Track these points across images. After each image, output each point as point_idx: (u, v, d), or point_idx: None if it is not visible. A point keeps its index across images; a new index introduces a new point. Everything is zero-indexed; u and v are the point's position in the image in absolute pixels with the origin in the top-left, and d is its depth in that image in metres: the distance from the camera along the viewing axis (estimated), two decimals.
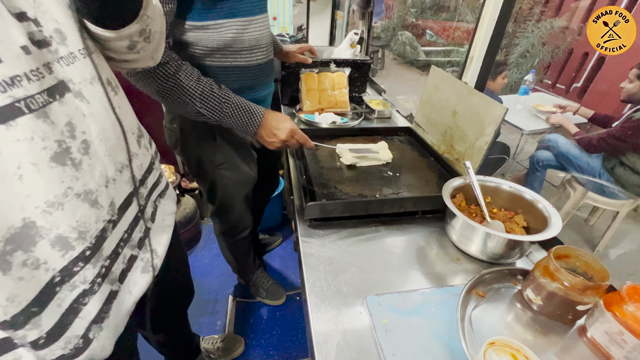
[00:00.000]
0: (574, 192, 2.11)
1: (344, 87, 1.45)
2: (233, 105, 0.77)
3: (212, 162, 0.98)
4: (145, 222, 0.57)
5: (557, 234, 0.62)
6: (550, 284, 0.55)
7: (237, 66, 0.83)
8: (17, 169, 0.35)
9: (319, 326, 0.57)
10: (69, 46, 0.43)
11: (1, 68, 0.34)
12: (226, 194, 1.07)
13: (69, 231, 0.41)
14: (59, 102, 0.40)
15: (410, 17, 7.30)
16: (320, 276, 0.66)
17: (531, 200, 0.74)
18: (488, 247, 0.68)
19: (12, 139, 0.35)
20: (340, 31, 2.72)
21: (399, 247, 0.76)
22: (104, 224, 0.46)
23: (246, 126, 0.78)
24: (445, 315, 0.58)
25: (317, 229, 0.79)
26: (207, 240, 1.94)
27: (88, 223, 0.43)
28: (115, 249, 0.49)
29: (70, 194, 0.41)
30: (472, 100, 0.91)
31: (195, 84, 0.73)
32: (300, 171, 0.91)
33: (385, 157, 0.99)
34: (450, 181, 0.79)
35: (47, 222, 0.39)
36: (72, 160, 0.41)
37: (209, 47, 0.77)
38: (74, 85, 0.43)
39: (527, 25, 4.38)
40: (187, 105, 0.74)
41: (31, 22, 0.38)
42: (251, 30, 0.81)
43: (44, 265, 0.39)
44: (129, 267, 0.53)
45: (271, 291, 1.55)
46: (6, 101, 0.34)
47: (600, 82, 3.96)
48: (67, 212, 0.40)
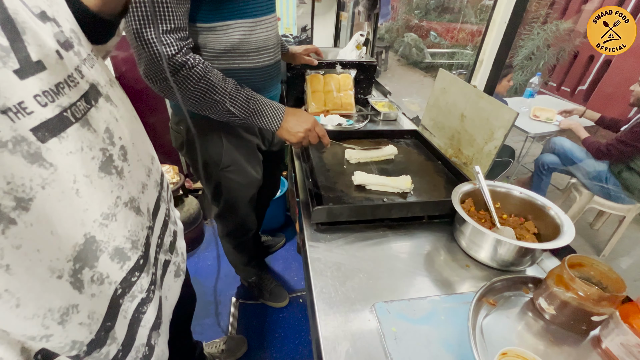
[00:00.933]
0: (579, 196, 2.09)
1: (350, 89, 1.45)
2: (259, 102, 0.77)
3: (218, 164, 0.97)
4: (173, 225, 0.57)
5: (570, 242, 0.61)
6: (564, 294, 0.54)
7: (245, 68, 0.83)
8: (74, 183, 0.34)
9: (327, 333, 0.56)
10: (85, 47, 0.41)
11: (46, 76, 0.32)
12: (231, 196, 1.06)
13: (123, 242, 0.40)
14: (96, 108, 0.38)
15: (414, 19, 7.29)
16: (327, 282, 0.65)
17: (542, 207, 0.73)
18: (498, 253, 0.67)
19: (66, 151, 0.33)
20: (344, 32, 2.71)
21: (406, 252, 0.75)
22: (147, 231, 0.45)
23: (271, 121, 0.79)
24: (456, 324, 0.57)
25: (323, 233, 0.78)
26: (210, 242, 1.93)
27: (137, 232, 0.43)
28: (155, 255, 0.49)
29: (120, 203, 0.40)
30: (481, 104, 0.90)
31: (223, 84, 0.73)
32: (307, 174, 0.90)
33: (403, 186, 0.87)
34: (459, 186, 0.78)
35: (104, 235, 0.38)
36: (115, 169, 0.40)
37: (216, 49, 0.77)
38: (102, 89, 0.41)
39: (533, 28, 4.35)
40: (218, 104, 0.74)
41: (53, 22, 0.36)
42: (258, 31, 0.81)
43: (107, 280, 0.39)
44: (164, 273, 0.53)
45: (274, 293, 1.54)
46: (56, 111, 0.32)
47: (606, 85, 3.93)
48: (120, 223, 0.40)
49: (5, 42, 0.28)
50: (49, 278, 0.31)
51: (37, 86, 0.31)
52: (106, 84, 0.43)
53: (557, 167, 2.24)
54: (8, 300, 0.28)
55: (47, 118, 0.31)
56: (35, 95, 0.30)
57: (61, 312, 0.32)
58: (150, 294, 0.45)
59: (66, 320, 0.33)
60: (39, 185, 0.31)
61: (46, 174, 0.31)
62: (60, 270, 0.33)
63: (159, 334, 0.47)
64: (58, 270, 0.32)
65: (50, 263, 0.32)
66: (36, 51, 0.31)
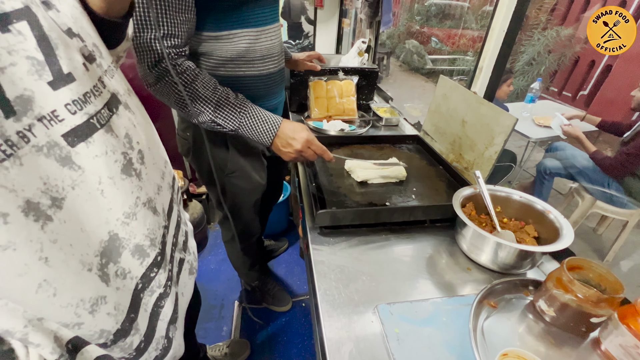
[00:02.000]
0: (582, 200, 2.09)
1: (352, 95, 1.47)
2: (249, 115, 0.76)
3: (224, 170, 0.99)
4: (184, 225, 0.60)
5: (569, 245, 0.62)
6: (563, 296, 0.55)
7: (250, 75, 0.85)
8: (99, 184, 0.37)
9: (331, 334, 0.57)
10: (106, 59, 0.44)
11: (76, 86, 0.35)
12: (236, 201, 1.08)
13: (143, 239, 0.43)
14: (117, 115, 0.41)
15: (416, 25, 7.36)
16: (331, 284, 0.67)
17: (542, 211, 0.74)
18: (499, 257, 0.68)
19: (92, 155, 0.36)
20: (347, 39, 2.75)
21: (408, 255, 0.76)
22: (163, 230, 0.48)
23: (262, 135, 0.77)
24: (457, 325, 0.58)
25: (327, 236, 0.79)
26: (214, 245, 1.95)
27: (155, 230, 0.45)
28: (171, 253, 0.51)
29: (139, 203, 0.43)
30: (481, 110, 0.92)
31: (211, 93, 0.73)
32: (310, 179, 0.92)
33: (399, 175, 0.95)
34: (460, 190, 0.79)
35: (126, 233, 0.40)
36: (135, 171, 0.43)
37: (222, 57, 0.79)
38: (121, 97, 0.44)
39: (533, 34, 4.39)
40: (203, 114, 0.74)
41: (78, 38, 0.39)
42: (263, 39, 0.83)
43: (129, 274, 0.41)
44: (179, 270, 0.55)
45: (277, 297, 1.55)
46: (84, 118, 0.35)
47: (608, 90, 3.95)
48: (140, 222, 0.42)
49: (41, 56, 0.31)
50: (81, 270, 0.34)
51: (68, 96, 0.34)
52: (125, 93, 0.46)
53: (559, 172, 2.24)
54: (46, 290, 0.31)
55: (76, 125, 0.34)
56: (66, 104, 0.33)
57: (91, 302, 0.35)
58: (167, 289, 0.47)
59: (96, 310, 0.35)
60: (70, 186, 0.34)
61: (75, 176, 0.34)
62: (90, 264, 0.35)
63: (176, 328, 0.50)
64: (88, 264, 0.35)
65: (82, 257, 0.34)
66: (67, 64, 0.34)
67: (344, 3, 2.58)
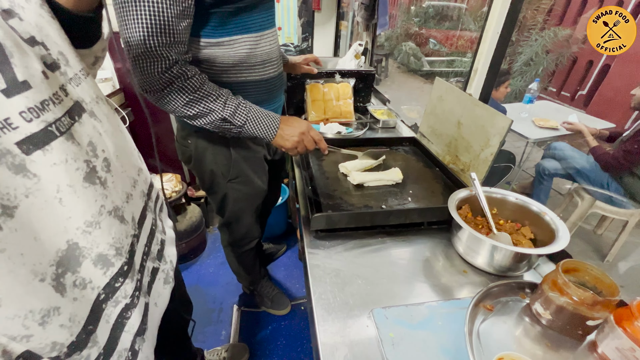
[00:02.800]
0: (581, 201, 2.08)
1: (349, 98, 1.47)
2: (253, 110, 0.78)
3: (226, 176, 0.99)
4: (160, 234, 0.59)
5: (565, 247, 0.62)
6: (559, 298, 0.54)
7: (252, 81, 0.85)
8: (57, 192, 0.36)
9: (325, 339, 0.57)
10: (73, 67, 0.44)
11: (32, 94, 0.34)
12: (237, 207, 1.08)
13: (107, 249, 0.42)
14: (79, 123, 0.41)
15: (414, 26, 7.39)
16: (326, 288, 0.66)
17: (538, 212, 0.74)
18: (495, 259, 0.68)
19: (50, 163, 0.35)
20: (344, 41, 2.76)
21: (404, 258, 0.76)
22: (131, 238, 0.47)
23: (267, 129, 0.79)
24: (453, 329, 0.58)
25: (323, 240, 0.79)
26: (212, 249, 1.94)
27: (121, 239, 0.45)
28: (141, 263, 0.50)
29: (104, 212, 0.42)
30: (476, 111, 0.92)
31: (218, 92, 0.75)
32: (306, 182, 0.92)
33: (395, 177, 0.95)
34: (456, 192, 0.79)
35: (87, 242, 0.40)
36: (99, 179, 0.42)
37: (225, 63, 0.80)
38: (87, 105, 0.44)
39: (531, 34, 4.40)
40: (213, 112, 0.75)
41: (41, 46, 0.39)
42: (263, 44, 0.84)
43: (89, 285, 0.40)
44: (152, 280, 0.54)
45: (276, 301, 1.55)
46: (40, 126, 0.35)
47: (606, 90, 3.96)
48: (104, 230, 0.42)
49: None
50: (32, 281, 0.33)
51: (23, 103, 0.33)
52: (91, 101, 0.45)
53: (557, 172, 2.24)
54: None
55: (32, 132, 0.34)
56: (20, 112, 0.33)
57: (42, 313, 0.34)
58: (135, 300, 0.46)
59: (47, 322, 0.34)
60: (23, 194, 0.33)
61: (30, 184, 0.34)
62: (43, 274, 0.34)
63: (143, 340, 0.48)
64: (41, 274, 0.34)
65: (34, 267, 0.33)
66: (22, 72, 0.34)
67: (341, 6, 2.59)
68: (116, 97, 1.61)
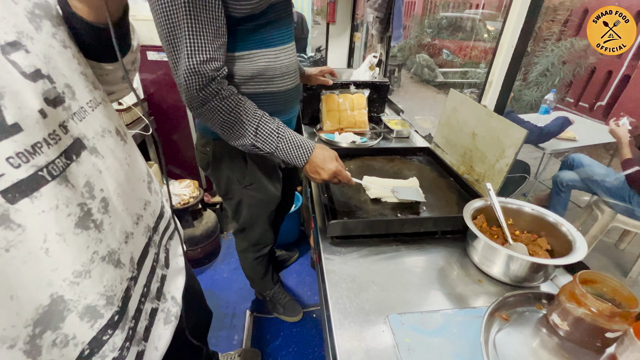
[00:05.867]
0: (601, 214, 2.02)
1: (363, 108, 1.50)
2: (285, 140, 0.79)
3: (241, 182, 1.03)
4: (161, 269, 0.55)
5: (582, 258, 0.62)
6: (576, 310, 0.54)
7: (270, 92, 0.89)
8: (44, 242, 0.33)
9: (342, 343, 0.58)
10: (79, 100, 0.41)
11: (22, 137, 0.32)
12: (252, 213, 1.12)
13: (97, 299, 0.38)
14: (77, 163, 0.38)
15: (427, 37, 7.43)
16: (342, 293, 0.68)
17: (554, 223, 0.74)
18: (511, 269, 0.68)
19: (37, 211, 0.32)
20: (358, 53, 2.81)
21: (419, 266, 0.77)
22: (127, 282, 0.44)
23: (295, 160, 0.80)
24: (468, 337, 0.58)
25: (338, 246, 0.81)
26: (226, 254, 1.98)
27: (114, 286, 0.41)
28: (138, 307, 0.46)
29: (96, 258, 0.38)
30: (491, 123, 0.93)
31: (251, 118, 0.77)
32: (322, 190, 0.95)
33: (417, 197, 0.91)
34: (471, 202, 0.80)
35: (75, 294, 0.36)
36: (94, 222, 0.39)
37: (244, 76, 0.84)
38: (89, 142, 0.41)
39: (547, 45, 4.36)
40: (244, 137, 0.78)
41: (46, 79, 0.36)
42: (282, 58, 0.88)
43: (72, 341, 0.36)
44: (151, 322, 0.50)
45: (288, 307, 1.56)
46: (29, 171, 0.32)
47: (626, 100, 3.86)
48: (94, 279, 0.38)
49: None
50: None
51: (11, 148, 0.31)
52: (95, 136, 0.43)
53: (576, 184, 2.19)
54: None
55: (18, 179, 0.31)
56: (7, 158, 0.30)
57: None
58: (124, 352, 0.42)
59: None
60: (3, 249, 0.30)
61: (12, 236, 0.31)
62: (14, 339, 0.30)
63: None
64: (10, 339, 0.30)
65: (3, 332, 0.30)
66: (13, 114, 0.31)
67: (355, 18, 2.66)
68: (141, 107, 1.69)
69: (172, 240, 0.62)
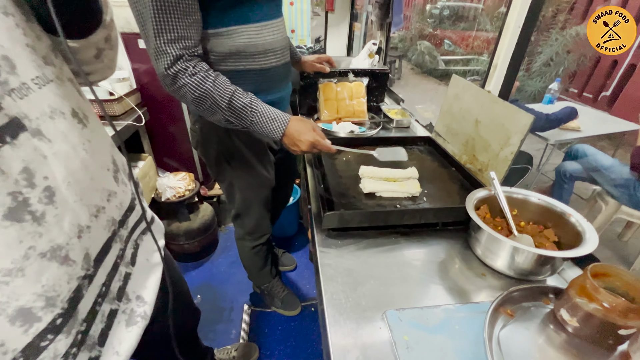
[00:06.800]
0: (605, 205, 1.99)
1: (362, 97, 1.45)
2: (259, 113, 0.78)
3: (230, 163, 1.01)
4: (126, 267, 0.50)
5: (593, 250, 0.58)
6: (587, 305, 0.51)
7: (251, 69, 0.85)
8: None
9: (337, 340, 0.55)
10: (20, 76, 0.36)
11: None
12: (244, 196, 1.10)
13: (32, 300, 0.34)
14: (11, 146, 0.33)
15: (428, 27, 7.30)
16: (338, 288, 0.65)
17: (562, 214, 0.70)
18: (516, 262, 0.64)
19: None
20: (357, 42, 2.75)
21: (419, 259, 0.73)
22: (78, 281, 0.39)
23: (271, 134, 0.79)
24: (471, 334, 0.55)
25: (334, 239, 0.77)
26: (225, 248, 1.96)
27: (58, 285, 0.36)
28: (92, 308, 0.42)
29: (33, 254, 0.34)
30: (495, 109, 0.88)
31: (223, 93, 0.75)
32: (318, 180, 0.91)
33: (412, 190, 0.87)
34: (474, 192, 0.76)
35: (2, 295, 0.32)
36: (32, 214, 0.34)
37: (222, 53, 0.80)
38: (30, 122, 0.36)
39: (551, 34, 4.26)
40: (217, 113, 0.77)
41: None
42: (265, 34, 0.84)
43: (1, 349, 0.32)
44: (109, 325, 0.46)
45: (286, 301, 1.54)
46: None
47: (632, 90, 3.78)
48: (29, 278, 0.34)
49: None
50: None
51: None
52: (41, 116, 0.37)
53: (580, 175, 2.15)
54: None
55: None
56: None
57: None
58: (70, 359, 0.38)
59: None
60: None
61: None
62: None
63: None
64: None
65: None
66: None
67: (354, 7, 2.58)
68: (133, 97, 1.64)
69: (146, 234, 0.57)
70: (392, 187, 0.87)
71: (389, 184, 0.88)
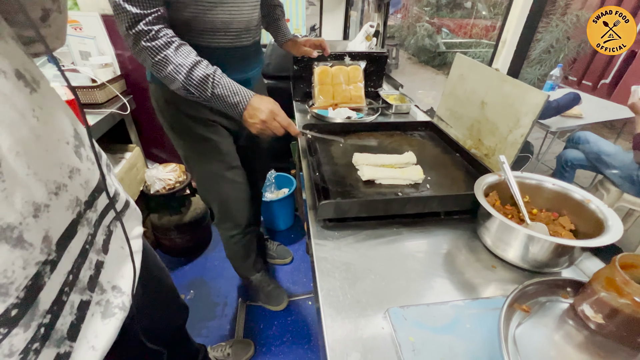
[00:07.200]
0: (607, 194, 1.95)
1: (359, 81, 1.38)
2: (221, 86, 0.75)
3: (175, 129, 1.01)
4: (97, 254, 0.46)
5: (618, 239, 0.53)
6: (615, 300, 0.45)
7: (198, 46, 0.80)
8: None
9: (334, 342, 0.49)
10: None
11: None
12: (198, 171, 1.08)
13: None
14: None
15: (425, 16, 7.16)
16: (335, 284, 0.59)
17: (580, 200, 0.64)
18: (530, 253, 0.58)
19: None
20: (354, 27, 2.65)
21: (423, 251, 0.67)
22: (37, 267, 0.35)
23: (233, 108, 0.77)
24: (483, 333, 0.49)
25: (331, 230, 0.71)
26: (218, 242, 1.89)
27: (11, 271, 0.33)
28: (57, 298, 0.38)
29: None
30: (504, 88, 0.81)
31: (184, 61, 0.72)
32: (313, 168, 0.84)
33: (415, 177, 0.81)
34: (482, 177, 0.70)
35: None
36: None
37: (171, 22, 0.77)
38: None
39: (551, 19, 4.17)
40: (176, 81, 0.74)
41: None
42: (217, 12, 0.80)
43: None
44: (81, 317, 0.42)
45: (272, 296, 1.47)
46: None
47: (632, 78, 3.73)
48: None
49: None
50: None
51: None
52: None
53: (581, 164, 2.10)
54: None
55: None
56: None
57: None
58: (30, 356, 0.34)
59: None
60: None
61: None
62: None
63: None
64: None
65: None
66: None
67: None
68: (117, 84, 1.55)
69: (119, 220, 0.51)
70: (392, 173, 0.80)
71: (389, 170, 0.81)
